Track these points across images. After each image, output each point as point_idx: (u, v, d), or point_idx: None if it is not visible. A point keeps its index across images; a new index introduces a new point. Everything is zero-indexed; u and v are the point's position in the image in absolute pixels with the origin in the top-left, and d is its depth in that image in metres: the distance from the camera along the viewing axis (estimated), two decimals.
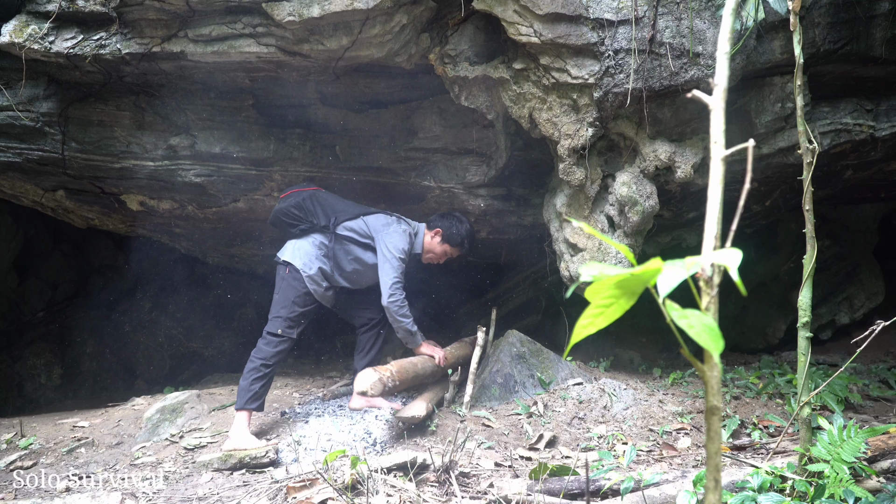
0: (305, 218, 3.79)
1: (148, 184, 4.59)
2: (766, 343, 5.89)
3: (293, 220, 3.80)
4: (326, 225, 3.76)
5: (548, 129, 3.87)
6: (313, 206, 3.80)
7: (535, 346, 4.34)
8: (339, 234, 3.76)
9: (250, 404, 3.37)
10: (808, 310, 2.35)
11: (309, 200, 3.82)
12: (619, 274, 0.79)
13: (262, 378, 3.43)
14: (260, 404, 3.44)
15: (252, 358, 3.48)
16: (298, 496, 2.52)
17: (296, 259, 3.67)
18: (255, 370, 3.43)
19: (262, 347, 3.50)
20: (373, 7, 3.34)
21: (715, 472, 0.84)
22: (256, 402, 3.40)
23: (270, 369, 3.48)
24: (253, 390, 3.39)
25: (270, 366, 3.47)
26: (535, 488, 2.48)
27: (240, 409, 3.37)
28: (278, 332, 3.52)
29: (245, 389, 3.39)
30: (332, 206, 3.84)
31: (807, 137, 2.36)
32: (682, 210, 4.65)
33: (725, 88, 0.94)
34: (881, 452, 2.58)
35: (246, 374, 3.44)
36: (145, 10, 3.51)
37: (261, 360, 3.45)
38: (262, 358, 3.46)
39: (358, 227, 3.80)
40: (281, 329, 3.53)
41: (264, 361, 3.45)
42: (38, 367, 6.14)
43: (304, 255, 3.69)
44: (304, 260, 3.67)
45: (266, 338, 3.53)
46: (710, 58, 3.60)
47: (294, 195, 3.89)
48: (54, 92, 4.08)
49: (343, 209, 3.85)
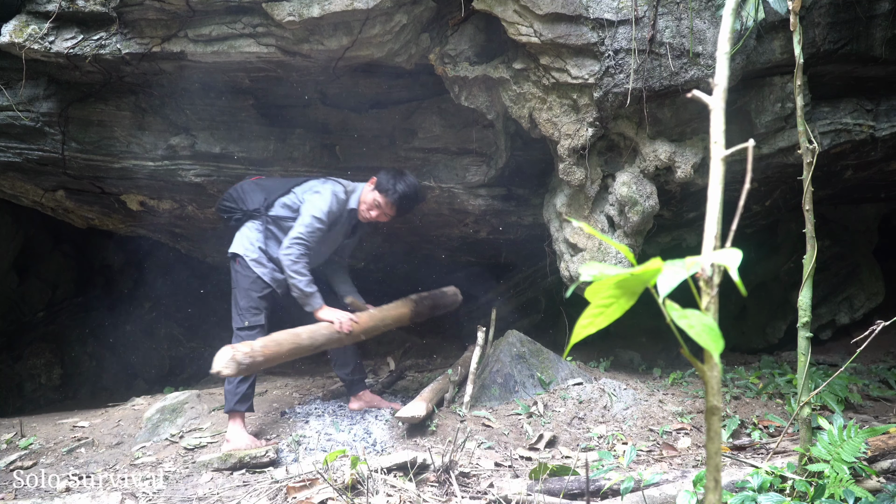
0: (237, 206, 3.64)
1: (148, 184, 4.59)
2: (766, 343, 5.89)
3: (227, 212, 3.66)
4: (258, 208, 3.59)
5: (548, 129, 3.87)
6: (242, 192, 3.65)
7: (535, 346, 4.34)
8: (271, 214, 3.57)
9: (240, 406, 3.30)
10: (808, 310, 2.35)
11: (239, 188, 3.67)
12: (619, 274, 0.79)
13: (245, 378, 3.31)
14: (250, 405, 3.36)
15: None
16: (298, 496, 2.52)
17: (238, 248, 3.53)
18: None
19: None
20: (373, 7, 3.34)
21: (715, 472, 0.84)
22: (246, 403, 3.33)
23: None
24: (239, 392, 3.30)
25: None
26: (535, 488, 2.48)
27: (229, 411, 3.31)
28: (245, 325, 3.41)
29: (231, 392, 3.31)
30: (264, 187, 3.66)
31: (807, 137, 2.36)
32: (682, 210, 4.65)
33: (725, 88, 0.94)
34: (881, 452, 2.58)
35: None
36: (145, 10, 3.51)
37: None
38: None
39: (290, 200, 3.57)
40: (247, 320, 3.41)
41: None
42: (38, 367, 6.14)
43: (245, 241, 3.54)
44: (245, 246, 3.52)
45: (236, 336, 3.42)
46: (710, 58, 3.60)
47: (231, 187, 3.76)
48: (54, 92, 4.08)
49: (275, 187, 3.64)
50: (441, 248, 5.84)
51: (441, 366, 5.26)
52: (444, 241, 5.64)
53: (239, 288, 3.50)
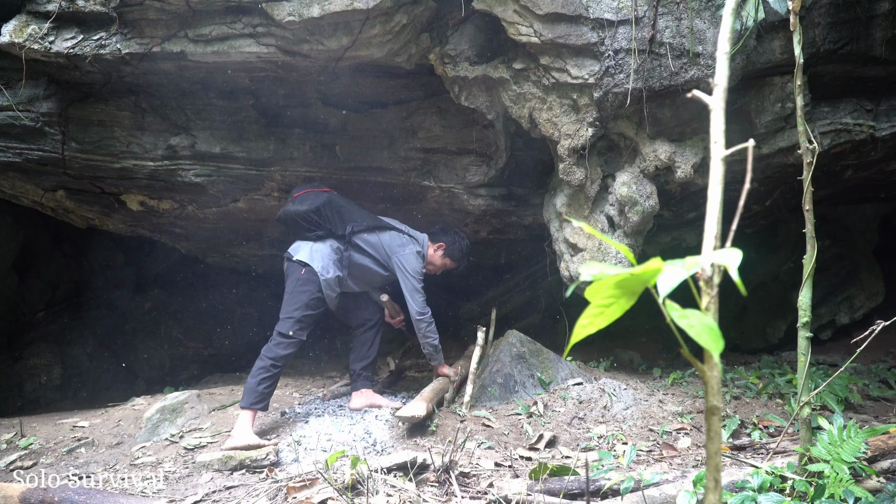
0: (323, 224, 3.80)
1: (148, 184, 4.59)
2: (766, 343, 5.89)
3: (312, 225, 3.81)
4: (343, 234, 3.80)
5: (548, 129, 3.87)
6: (331, 212, 3.82)
7: (535, 346, 4.34)
8: (354, 242, 3.84)
9: (257, 404, 3.38)
10: (808, 310, 2.35)
11: (327, 207, 3.83)
12: (619, 274, 0.79)
13: (269, 378, 3.44)
14: (265, 405, 3.45)
15: (262, 356, 3.48)
16: (298, 496, 2.52)
17: (314, 261, 3.67)
18: (265, 369, 3.43)
19: (273, 348, 3.50)
20: (373, 7, 3.34)
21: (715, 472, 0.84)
22: (263, 403, 3.41)
23: (279, 370, 3.49)
24: (259, 390, 3.39)
25: (279, 366, 3.49)
26: (535, 488, 2.48)
27: (245, 407, 3.37)
28: (289, 334, 3.52)
29: (252, 389, 3.39)
30: (348, 213, 3.89)
31: (807, 137, 2.36)
32: (682, 210, 4.65)
33: (725, 88, 0.94)
34: (881, 452, 2.58)
35: (255, 372, 3.44)
36: (145, 10, 3.51)
37: (271, 361, 3.46)
38: (273, 358, 3.47)
39: (373, 240, 3.90)
40: (292, 331, 3.53)
41: (274, 362, 3.46)
42: (38, 367, 6.14)
43: (323, 258, 3.71)
44: (322, 263, 3.68)
45: (276, 338, 3.54)
46: (710, 58, 3.60)
47: (311, 197, 3.85)
48: (54, 92, 4.08)
49: (358, 218, 3.91)
50: None
51: None
52: None
53: (298, 295, 3.63)
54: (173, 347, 6.88)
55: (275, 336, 3.55)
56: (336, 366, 5.84)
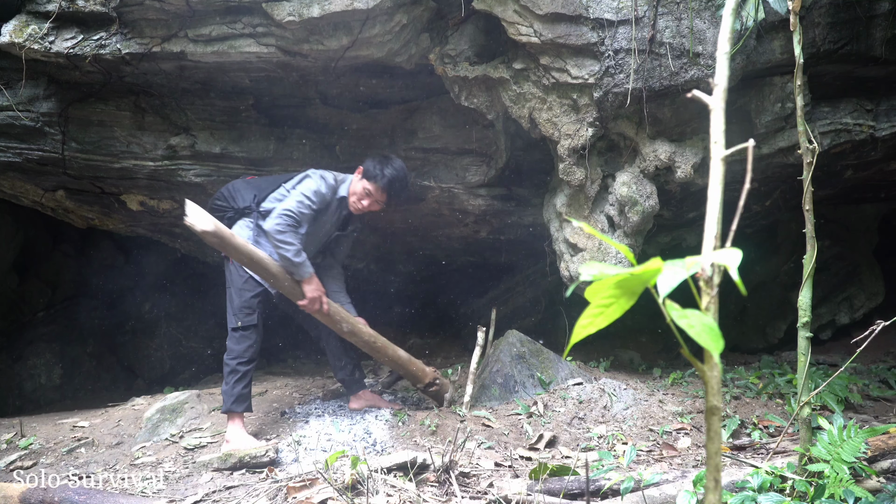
0: (228, 205, 3.59)
1: (148, 184, 4.59)
2: (766, 343, 5.89)
3: (219, 211, 3.58)
4: (248, 205, 3.54)
5: (548, 129, 3.87)
6: (233, 191, 3.61)
7: (535, 346, 4.34)
8: (262, 210, 3.48)
9: (236, 407, 3.29)
10: (808, 310, 2.35)
11: (230, 187, 3.64)
12: (619, 274, 0.79)
13: (241, 378, 3.33)
14: (247, 405, 3.35)
15: (225, 361, 3.37)
16: (298, 496, 2.52)
17: None
18: (233, 372, 3.33)
19: (231, 347, 3.40)
20: (373, 7, 3.34)
21: (715, 472, 0.84)
22: (243, 404, 3.32)
23: (247, 367, 3.37)
24: (235, 392, 3.30)
25: (246, 362, 3.36)
26: (535, 488, 2.48)
27: (227, 412, 3.31)
28: (238, 325, 3.39)
29: (227, 393, 3.31)
30: (255, 185, 3.63)
31: (807, 137, 2.36)
32: (682, 210, 4.65)
33: (725, 88, 0.94)
34: (881, 452, 2.58)
35: (225, 377, 3.35)
36: (145, 10, 3.51)
37: (235, 360, 3.35)
38: (235, 357, 3.36)
39: (279, 195, 3.51)
40: (240, 320, 3.39)
41: (238, 359, 3.35)
42: (38, 367, 6.14)
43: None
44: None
45: (230, 336, 3.42)
46: (710, 58, 3.60)
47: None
48: (54, 92, 4.08)
49: (265, 184, 3.60)
50: (441, 248, 5.84)
51: (441, 366, 5.26)
52: (443, 241, 5.64)
53: (233, 287, 3.49)
54: (173, 347, 6.87)
55: (229, 335, 3.42)
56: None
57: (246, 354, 3.37)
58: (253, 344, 3.41)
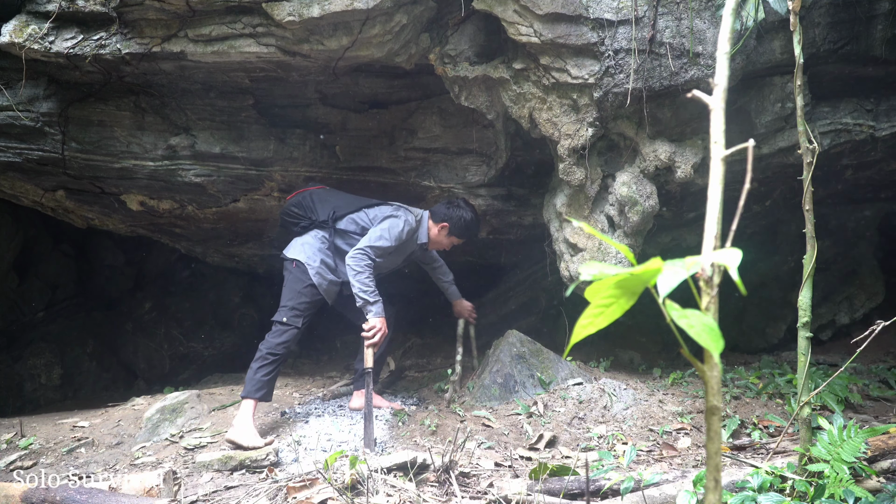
0: (305, 215, 3.83)
1: (148, 184, 4.59)
2: (766, 343, 5.89)
3: (294, 219, 3.85)
4: (326, 220, 3.79)
5: (548, 129, 3.87)
6: (312, 202, 3.85)
7: (535, 346, 4.34)
8: (338, 227, 3.79)
9: (256, 393, 3.40)
10: (808, 310, 2.35)
11: (308, 197, 3.87)
12: (619, 274, 0.79)
13: (267, 367, 3.46)
14: (265, 393, 3.46)
15: (259, 348, 3.53)
16: (298, 496, 2.52)
17: (300, 254, 3.71)
18: (262, 359, 3.48)
19: (268, 338, 3.56)
20: (373, 7, 3.34)
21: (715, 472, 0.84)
22: (262, 391, 3.43)
23: (277, 358, 3.51)
24: (257, 379, 3.42)
25: (277, 355, 3.51)
26: (535, 488, 2.48)
27: (245, 396, 3.41)
28: (283, 321, 3.56)
29: (251, 378, 3.43)
30: (331, 201, 3.87)
31: (807, 137, 2.36)
32: (682, 210, 4.65)
33: (725, 88, 0.94)
34: (881, 452, 2.58)
35: (253, 362, 3.49)
36: (145, 10, 3.51)
37: (267, 350, 3.50)
38: (268, 347, 3.51)
39: (359, 218, 3.81)
40: (286, 317, 3.57)
41: (270, 350, 3.50)
42: (38, 367, 6.13)
43: (308, 249, 3.74)
44: (307, 254, 3.72)
45: (271, 328, 3.59)
46: (710, 58, 3.60)
47: (297, 195, 3.94)
48: (54, 92, 4.08)
49: (344, 203, 3.87)
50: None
51: (441, 366, 5.26)
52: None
53: (290, 288, 3.66)
54: (173, 347, 6.87)
55: (271, 326, 3.59)
56: (336, 366, 5.83)
57: (279, 349, 3.52)
58: (289, 342, 3.57)
